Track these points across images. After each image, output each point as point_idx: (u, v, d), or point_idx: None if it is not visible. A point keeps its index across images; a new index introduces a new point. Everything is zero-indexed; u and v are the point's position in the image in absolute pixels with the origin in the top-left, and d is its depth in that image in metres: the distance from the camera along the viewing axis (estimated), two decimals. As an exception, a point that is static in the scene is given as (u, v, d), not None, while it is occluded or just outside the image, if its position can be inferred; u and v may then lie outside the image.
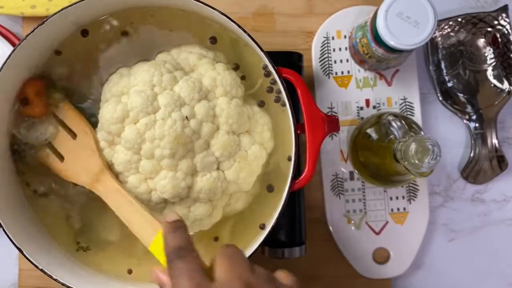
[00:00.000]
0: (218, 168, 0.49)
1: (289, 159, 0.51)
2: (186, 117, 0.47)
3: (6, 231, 0.47)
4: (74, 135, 0.51)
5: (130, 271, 0.52)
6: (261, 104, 0.52)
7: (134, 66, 0.51)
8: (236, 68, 0.53)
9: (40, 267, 0.47)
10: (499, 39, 0.65)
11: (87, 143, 0.50)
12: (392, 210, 0.63)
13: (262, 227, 0.51)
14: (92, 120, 0.52)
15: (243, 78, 0.53)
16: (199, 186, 0.49)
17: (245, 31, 0.48)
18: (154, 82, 0.48)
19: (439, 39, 0.65)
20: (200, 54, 0.52)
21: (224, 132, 0.49)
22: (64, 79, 0.53)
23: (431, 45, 0.65)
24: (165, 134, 0.46)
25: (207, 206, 0.50)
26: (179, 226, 0.41)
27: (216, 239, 0.53)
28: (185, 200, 0.50)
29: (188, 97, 0.48)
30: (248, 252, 0.48)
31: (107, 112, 0.48)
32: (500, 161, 0.64)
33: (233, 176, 0.49)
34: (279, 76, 0.49)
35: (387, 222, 0.63)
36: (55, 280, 0.47)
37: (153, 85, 0.48)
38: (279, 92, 0.52)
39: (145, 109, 0.47)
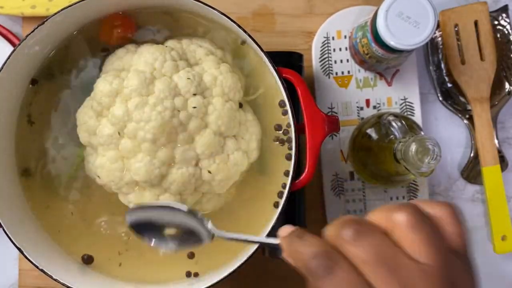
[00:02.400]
0: (196, 165, 0.49)
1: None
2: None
3: (6, 231, 0.47)
4: None
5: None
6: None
7: (142, 46, 0.52)
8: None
9: (40, 267, 0.47)
10: (499, 39, 0.65)
11: None
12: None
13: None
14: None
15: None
16: (173, 178, 0.49)
17: (245, 31, 0.48)
18: (155, 66, 0.48)
19: (439, 39, 0.65)
20: (208, 50, 0.52)
21: (211, 131, 0.49)
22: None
23: (431, 45, 0.65)
24: (152, 118, 0.46)
25: (176, 198, 0.50)
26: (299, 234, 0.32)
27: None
28: (156, 188, 0.49)
29: (185, 88, 0.48)
30: (249, 252, 0.48)
31: (102, 84, 0.48)
32: (500, 161, 0.63)
33: (209, 176, 0.49)
34: (279, 76, 0.49)
35: (387, 222, 0.63)
36: (55, 280, 0.47)
37: (153, 68, 0.48)
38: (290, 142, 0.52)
39: (139, 90, 0.47)
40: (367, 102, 0.64)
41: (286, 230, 0.34)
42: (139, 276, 0.52)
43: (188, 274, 0.52)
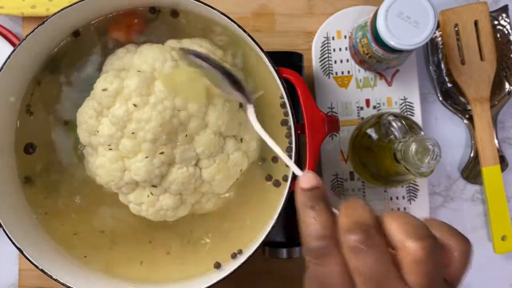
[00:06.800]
0: (196, 165, 0.49)
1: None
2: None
3: (6, 231, 0.47)
4: None
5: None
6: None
7: (142, 45, 0.52)
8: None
9: (40, 267, 0.47)
10: (499, 39, 0.65)
11: None
12: (392, 210, 0.63)
13: None
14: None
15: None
16: (173, 178, 0.49)
17: (245, 31, 0.48)
18: (155, 66, 0.48)
19: (439, 39, 0.65)
20: (209, 50, 0.52)
21: (211, 131, 0.49)
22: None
23: (431, 45, 0.65)
24: (152, 118, 0.46)
25: (175, 198, 0.50)
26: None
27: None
28: (156, 188, 0.50)
29: None
30: (248, 252, 0.48)
31: (102, 84, 0.48)
32: (500, 161, 0.64)
33: (209, 176, 0.49)
34: (279, 76, 0.49)
35: (387, 222, 0.63)
36: (55, 280, 0.47)
37: (154, 68, 0.48)
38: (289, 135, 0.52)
39: (139, 90, 0.47)
40: (367, 102, 0.64)
41: (308, 181, 0.34)
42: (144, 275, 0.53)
43: (217, 266, 0.52)
